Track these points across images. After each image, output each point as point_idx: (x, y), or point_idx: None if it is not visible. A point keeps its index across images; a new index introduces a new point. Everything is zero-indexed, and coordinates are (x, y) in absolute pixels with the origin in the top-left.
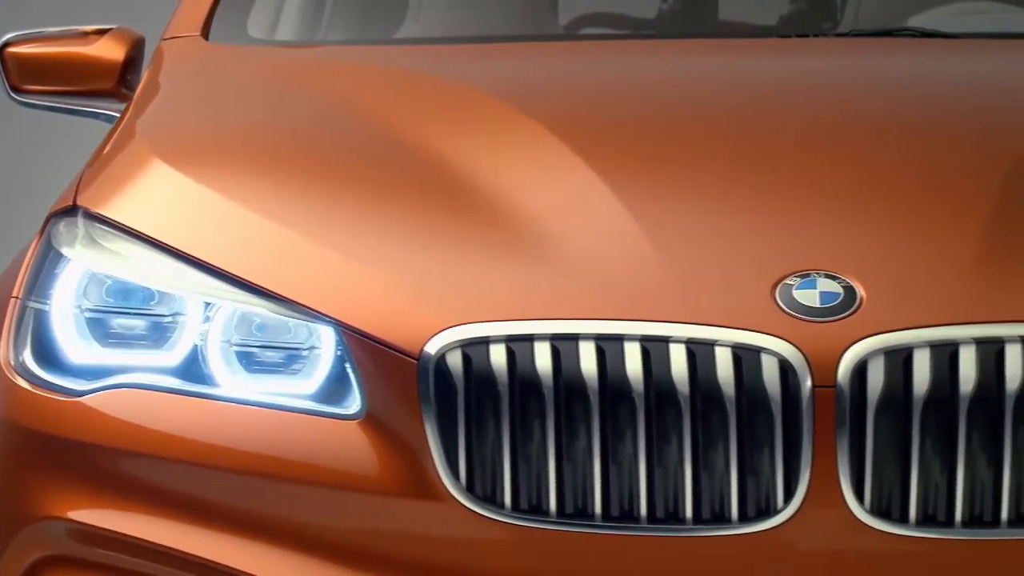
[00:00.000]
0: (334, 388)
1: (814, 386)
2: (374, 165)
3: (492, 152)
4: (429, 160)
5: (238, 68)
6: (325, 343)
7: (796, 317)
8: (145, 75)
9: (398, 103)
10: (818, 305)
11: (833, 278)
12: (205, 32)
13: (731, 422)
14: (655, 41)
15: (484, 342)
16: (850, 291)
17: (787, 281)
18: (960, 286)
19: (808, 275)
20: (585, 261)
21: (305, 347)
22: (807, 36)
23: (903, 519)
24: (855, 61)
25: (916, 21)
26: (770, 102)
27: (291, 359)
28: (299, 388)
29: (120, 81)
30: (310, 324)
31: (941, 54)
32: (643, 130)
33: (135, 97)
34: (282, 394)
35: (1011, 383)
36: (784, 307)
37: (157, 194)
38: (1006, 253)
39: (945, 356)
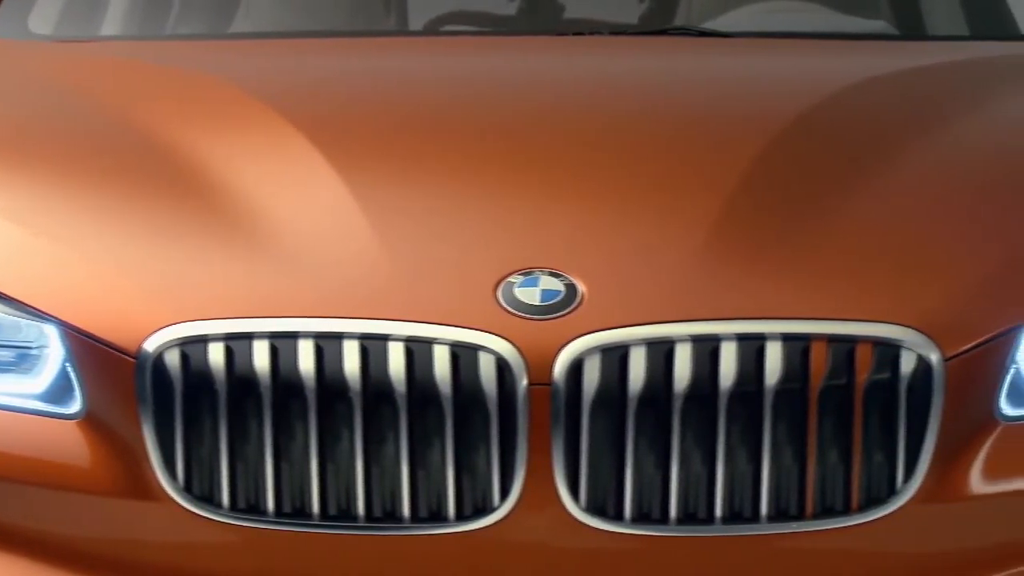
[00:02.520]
0: (60, 388)
1: (530, 384)
2: (112, 163)
3: (227, 148)
4: (166, 157)
5: (4, 64)
6: (53, 342)
7: (516, 315)
8: None
9: (146, 99)
10: (538, 303)
11: (556, 276)
12: None
13: (448, 420)
14: (475, 39)
15: (202, 340)
16: (572, 289)
17: (510, 279)
18: (680, 284)
19: (531, 273)
20: (309, 258)
21: (35, 346)
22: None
23: (618, 516)
24: (618, 60)
25: (732, 18)
26: (516, 101)
27: (22, 358)
28: (28, 388)
29: None
30: (40, 323)
31: (711, 53)
32: (389, 128)
33: None
34: (10, 394)
35: (725, 380)
36: (505, 305)
37: None
38: (727, 252)
39: (661, 354)
